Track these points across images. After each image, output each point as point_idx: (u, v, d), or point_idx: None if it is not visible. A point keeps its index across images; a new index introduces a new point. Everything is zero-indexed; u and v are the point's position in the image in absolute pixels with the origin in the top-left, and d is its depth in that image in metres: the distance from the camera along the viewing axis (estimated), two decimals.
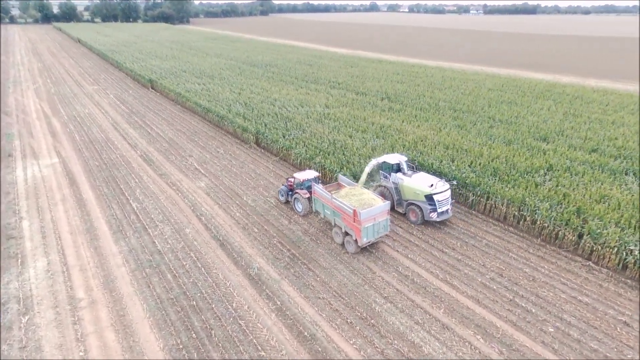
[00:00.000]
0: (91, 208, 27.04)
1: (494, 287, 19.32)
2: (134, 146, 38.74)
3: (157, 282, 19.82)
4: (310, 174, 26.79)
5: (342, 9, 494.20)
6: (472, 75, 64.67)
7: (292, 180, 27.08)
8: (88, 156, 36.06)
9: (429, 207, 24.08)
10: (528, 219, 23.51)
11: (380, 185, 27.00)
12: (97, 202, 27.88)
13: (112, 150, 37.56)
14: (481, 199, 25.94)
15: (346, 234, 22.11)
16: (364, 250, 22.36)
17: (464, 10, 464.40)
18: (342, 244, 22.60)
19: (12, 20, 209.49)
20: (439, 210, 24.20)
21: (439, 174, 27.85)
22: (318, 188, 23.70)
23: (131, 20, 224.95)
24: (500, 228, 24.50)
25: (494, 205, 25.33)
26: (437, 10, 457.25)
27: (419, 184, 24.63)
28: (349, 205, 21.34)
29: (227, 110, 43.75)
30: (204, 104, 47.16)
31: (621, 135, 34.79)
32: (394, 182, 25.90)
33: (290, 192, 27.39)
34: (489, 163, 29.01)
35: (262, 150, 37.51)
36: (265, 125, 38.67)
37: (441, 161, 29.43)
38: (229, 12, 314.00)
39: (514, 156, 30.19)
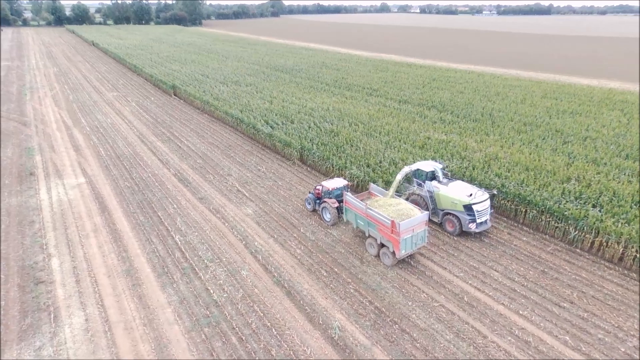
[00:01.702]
0: (128, 242, 23.46)
1: None
2: (165, 163, 35.21)
3: (220, 349, 16.12)
4: (339, 182, 25.70)
5: (353, 9, 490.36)
6: (515, 81, 60.46)
7: (320, 188, 25.64)
8: (117, 175, 32.59)
9: (468, 217, 22.88)
10: None
11: (413, 194, 25.70)
12: (133, 234, 24.30)
13: (142, 168, 34.06)
14: (587, 235, 21.94)
15: (382, 245, 21.15)
16: (461, 301, 18.51)
17: (477, 11, 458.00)
18: (377, 255, 21.68)
19: (25, 23, 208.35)
20: (478, 221, 23.00)
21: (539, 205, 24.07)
22: (351, 198, 22.59)
23: (143, 22, 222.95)
24: (618, 273, 20.48)
25: (604, 244, 21.33)
26: (450, 11, 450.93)
27: (457, 193, 23.32)
28: (386, 216, 20.29)
29: (264, 122, 40.08)
30: (235, 114, 43.55)
31: None
32: (428, 191, 24.71)
33: (317, 201, 25.94)
34: (582, 189, 25.01)
35: (309, 169, 33.75)
36: (311, 140, 34.93)
37: (527, 186, 25.48)
38: (240, 13, 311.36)
39: (608, 180, 26.16)
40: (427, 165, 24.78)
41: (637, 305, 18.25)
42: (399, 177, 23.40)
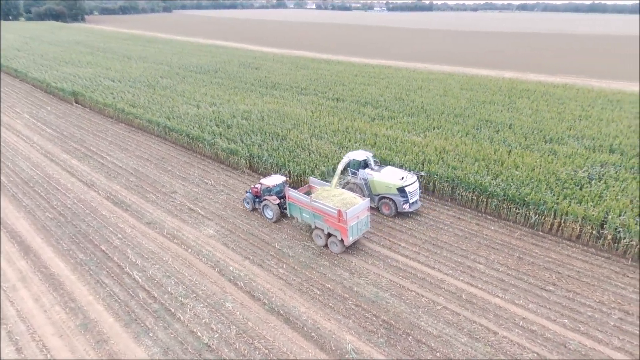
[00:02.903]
0: (72, 288, 19.40)
1: (631, 330, 16.87)
2: (90, 185, 30.22)
3: None
4: (278, 179, 25.96)
5: (249, 5, 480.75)
6: (430, 75, 64.18)
7: (258, 186, 25.74)
8: (31, 205, 27.06)
9: (402, 199, 24.93)
10: (609, 237, 21.75)
11: (349, 183, 26.86)
12: (76, 276, 20.20)
13: (62, 193, 28.78)
14: (546, 218, 23.70)
15: (329, 235, 21.91)
16: (460, 300, 18.59)
17: (369, 7, 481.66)
18: (325, 246, 22.39)
19: None
20: (411, 201, 25.13)
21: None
22: (294, 193, 23.18)
23: (10, 18, 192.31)
24: (579, 250, 22.40)
25: (562, 224, 23.24)
26: (344, 7, 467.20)
27: (390, 177, 25.27)
28: (332, 206, 21.05)
29: (200, 130, 36.65)
30: (163, 123, 39.21)
31: (619, 132, 35.50)
32: (363, 178, 26.24)
33: (257, 199, 25.91)
34: (529, 174, 27.05)
35: (260, 177, 31.55)
36: (259, 146, 32.77)
37: (481, 176, 26.80)
38: (128, 8, 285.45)
39: (547, 163, 28.70)
40: (359, 155, 26.47)
41: (605, 278, 20.08)
42: (340, 167, 25.01)
